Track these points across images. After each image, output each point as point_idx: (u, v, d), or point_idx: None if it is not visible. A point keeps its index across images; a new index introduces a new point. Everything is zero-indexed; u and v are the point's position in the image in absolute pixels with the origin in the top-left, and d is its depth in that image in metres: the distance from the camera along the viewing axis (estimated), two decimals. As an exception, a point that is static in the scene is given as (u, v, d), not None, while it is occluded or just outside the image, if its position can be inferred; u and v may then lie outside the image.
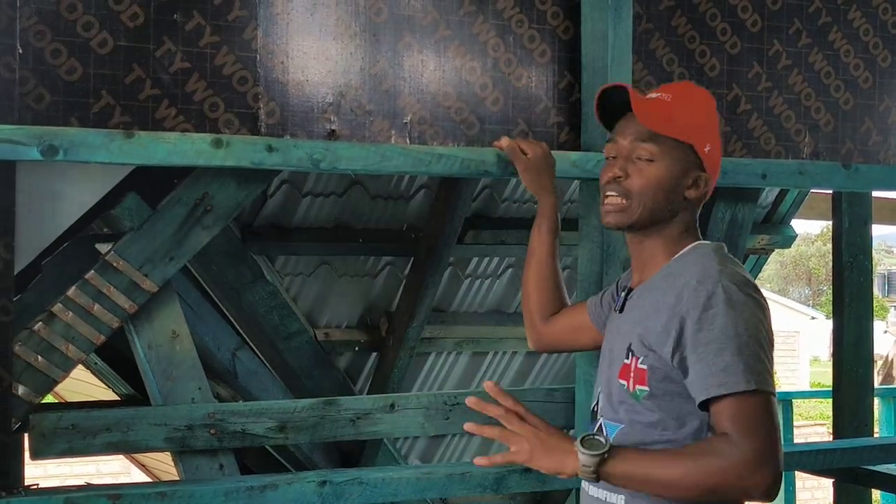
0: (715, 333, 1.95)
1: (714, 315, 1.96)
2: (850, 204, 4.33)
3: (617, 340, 2.17)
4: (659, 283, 2.11)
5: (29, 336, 2.67)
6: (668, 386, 2.02)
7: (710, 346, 1.95)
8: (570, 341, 2.66)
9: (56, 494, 2.56)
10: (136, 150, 2.52)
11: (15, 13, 2.48)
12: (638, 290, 2.17)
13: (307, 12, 2.76)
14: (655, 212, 2.13)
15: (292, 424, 2.96)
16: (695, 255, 2.11)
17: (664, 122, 2.12)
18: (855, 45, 3.37)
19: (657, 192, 2.12)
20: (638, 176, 2.13)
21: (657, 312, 2.04)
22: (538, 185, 2.75)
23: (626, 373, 2.08)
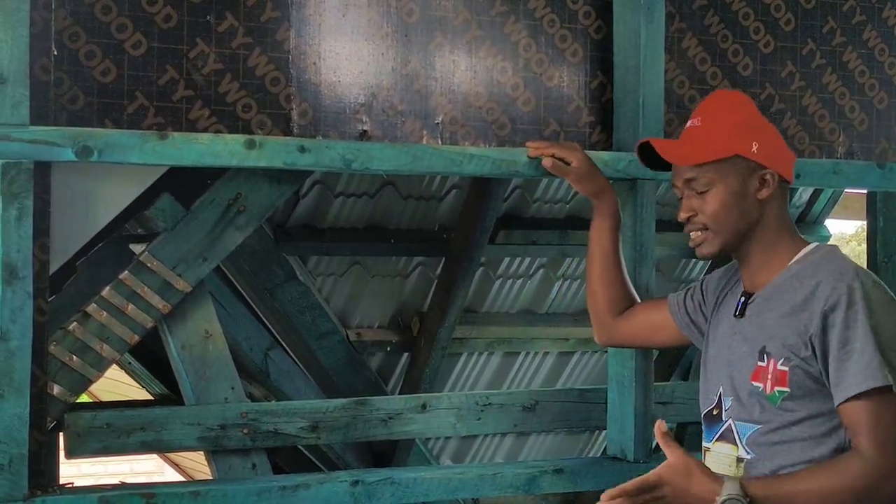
0: (859, 331, 1.98)
1: (858, 311, 1.99)
2: (885, 203, 4.29)
3: (742, 344, 2.18)
4: (784, 285, 2.13)
5: (64, 336, 2.68)
6: (810, 385, 2.05)
7: (856, 343, 1.98)
8: (645, 338, 2.68)
9: (91, 493, 2.58)
10: (169, 151, 2.53)
11: (50, 15, 2.49)
12: (762, 295, 2.18)
13: (339, 13, 2.76)
14: (736, 227, 2.18)
15: (324, 424, 2.97)
16: (820, 256, 2.15)
17: (699, 153, 2.17)
18: (889, 44, 3.35)
19: (726, 212, 2.16)
20: (704, 207, 2.17)
21: (795, 313, 2.06)
22: (595, 188, 2.71)
23: (762, 375, 2.10)
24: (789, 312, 2.08)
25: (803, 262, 2.15)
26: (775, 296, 2.14)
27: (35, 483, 2.46)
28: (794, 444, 2.07)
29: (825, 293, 2.02)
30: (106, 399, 4.98)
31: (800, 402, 2.05)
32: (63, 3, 2.51)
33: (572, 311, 4.84)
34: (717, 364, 2.25)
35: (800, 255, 2.17)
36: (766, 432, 2.10)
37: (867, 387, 1.95)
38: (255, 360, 3.94)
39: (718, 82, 3.13)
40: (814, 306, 2.03)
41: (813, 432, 2.05)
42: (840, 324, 1.99)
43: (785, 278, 2.14)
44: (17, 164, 2.38)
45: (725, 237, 2.18)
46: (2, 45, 2.35)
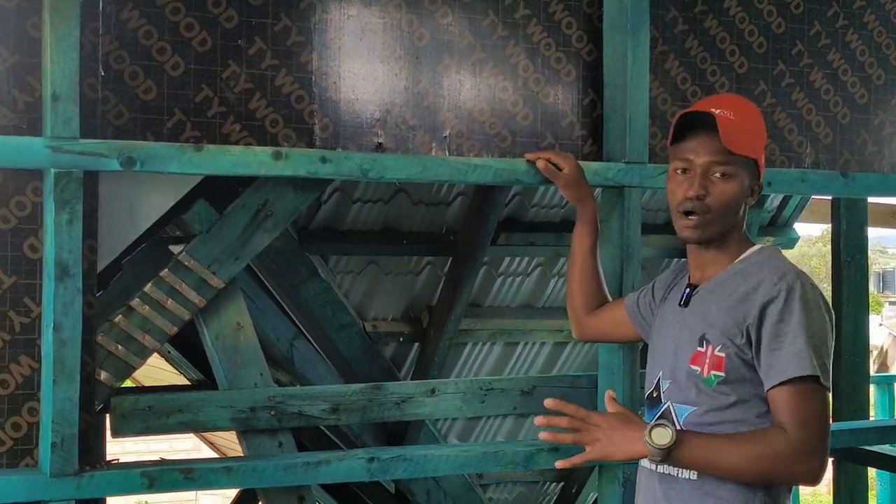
0: (793, 325, 1.97)
1: (794, 308, 1.98)
2: (848, 209, 4.29)
3: (684, 331, 2.15)
4: (728, 280, 2.11)
5: (110, 327, 2.69)
6: (744, 372, 2.03)
7: (788, 335, 1.97)
8: (609, 334, 2.68)
9: (134, 469, 2.58)
10: (204, 162, 2.54)
11: (97, 39, 2.50)
12: (705, 287, 2.16)
13: (357, 38, 2.76)
14: (729, 223, 2.14)
15: (344, 407, 2.97)
16: (764, 256, 2.13)
17: (740, 143, 2.09)
18: (852, 65, 3.34)
19: (734, 204, 2.12)
20: (718, 192, 2.10)
21: (737, 304, 2.04)
22: (579, 195, 2.73)
23: (700, 360, 2.08)
24: (730, 305, 2.06)
25: (747, 261, 2.13)
26: (718, 289, 2.11)
27: (84, 460, 2.47)
28: (726, 426, 2.04)
29: (766, 289, 2.01)
30: (148, 384, 4.99)
31: (733, 386, 2.04)
32: (109, 28, 2.52)
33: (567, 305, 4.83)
34: (660, 350, 2.22)
35: (745, 254, 2.15)
36: (702, 413, 2.07)
37: (796, 374, 1.94)
38: (282, 349, 3.94)
39: (698, 99, 3.12)
40: (754, 300, 2.01)
41: (744, 416, 2.04)
42: (776, 316, 1.98)
43: (729, 274, 2.12)
44: (68, 173, 2.39)
45: (720, 227, 2.12)
46: (54, 66, 2.36)
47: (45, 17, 2.39)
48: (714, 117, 2.08)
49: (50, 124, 2.38)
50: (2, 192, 2.45)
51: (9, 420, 2.47)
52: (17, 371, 2.47)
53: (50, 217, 2.40)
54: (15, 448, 2.47)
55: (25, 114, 2.44)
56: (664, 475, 2.12)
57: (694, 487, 2.06)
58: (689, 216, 2.12)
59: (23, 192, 2.47)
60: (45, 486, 2.41)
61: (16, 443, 2.48)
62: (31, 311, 2.48)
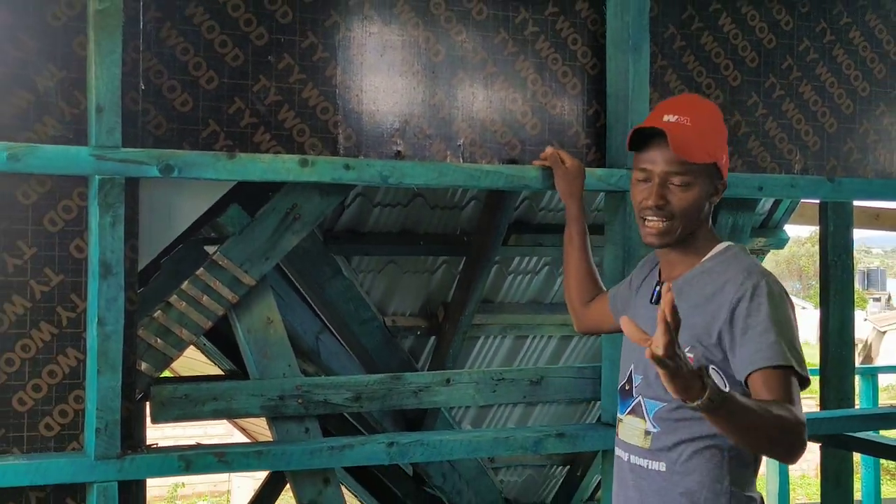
0: (763, 319, 1.91)
1: (760, 304, 1.92)
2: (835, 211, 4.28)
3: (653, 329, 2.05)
4: (696, 279, 2.05)
5: (150, 322, 2.70)
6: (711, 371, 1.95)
7: (758, 327, 1.90)
8: (601, 325, 2.58)
9: (172, 452, 2.59)
10: (237, 169, 2.54)
11: (138, 56, 2.51)
12: (675, 285, 2.05)
13: (378, 54, 2.77)
14: (693, 224, 2.07)
15: (365, 395, 2.97)
16: (730, 255, 2.06)
17: (695, 151, 2.02)
18: (838, 78, 3.33)
19: (696, 210, 2.05)
20: (677, 200, 2.04)
21: (705, 305, 1.98)
22: (569, 191, 2.72)
23: None
24: (698, 304, 1.99)
25: (714, 259, 2.07)
26: (686, 289, 2.04)
27: (126, 444, 2.48)
28: (693, 421, 1.96)
29: (733, 289, 1.95)
30: (184, 374, 5.00)
31: None
32: (149, 46, 2.53)
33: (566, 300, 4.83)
34: (632, 345, 2.13)
35: (712, 252, 2.08)
36: (671, 409, 2.01)
37: (773, 363, 1.87)
38: (308, 342, 3.95)
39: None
40: (722, 300, 1.95)
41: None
42: (744, 313, 1.92)
43: (697, 273, 2.06)
44: (111, 179, 2.39)
45: (682, 231, 2.06)
46: (98, 81, 2.37)
47: (90, 36, 2.40)
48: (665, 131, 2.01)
49: (94, 134, 2.39)
50: (50, 197, 2.46)
51: (57, 407, 2.48)
52: (65, 362, 2.48)
53: (94, 220, 2.40)
54: (62, 433, 2.48)
55: (72, 125, 2.45)
56: (635, 466, 2.08)
57: (663, 479, 2.02)
58: (649, 223, 2.07)
59: (69, 196, 2.48)
60: (89, 468, 2.42)
61: (63, 428, 2.49)
62: (77, 306, 2.49)
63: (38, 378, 2.46)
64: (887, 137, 3.40)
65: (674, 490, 2.01)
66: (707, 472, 1.99)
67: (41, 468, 2.38)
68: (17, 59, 2.41)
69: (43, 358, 2.46)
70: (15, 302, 2.44)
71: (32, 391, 2.46)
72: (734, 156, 3.18)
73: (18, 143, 2.36)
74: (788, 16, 3.25)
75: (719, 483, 1.99)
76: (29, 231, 2.45)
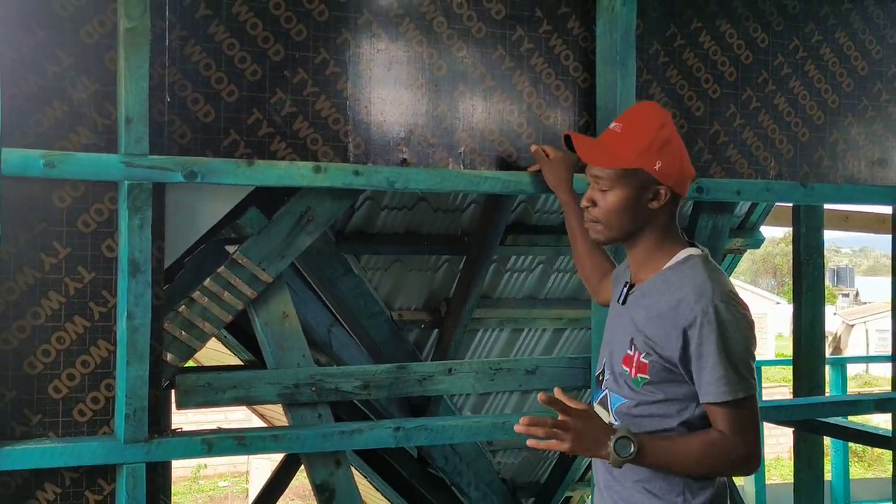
0: (712, 347, 1.88)
1: (711, 333, 1.88)
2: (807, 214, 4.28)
3: (619, 329, 2.07)
4: (657, 287, 2.01)
5: (175, 316, 2.70)
6: (667, 376, 1.96)
7: (709, 357, 1.89)
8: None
9: (195, 436, 2.60)
10: (255, 175, 2.54)
11: (164, 71, 2.51)
12: (639, 289, 2.06)
13: (385, 69, 2.77)
14: (625, 227, 2.03)
15: (374, 384, 2.97)
16: (688, 267, 2.00)
17: (610, 158, 2.00)
18: (810, 91, 3.33)
19: (619, 213, 2.01)
20: (601, 203, 2.03)
21: (660, 319, 1.95)
22: (555, 181, 2.74)
23: (629, 362, 2.00)
24: (655, 316, 1.96)
25: (674, 268, 2.01)
26: (648, 294, 2.02)
27: (153, 428, 2.48)
28: (651, 419, 1.99)
29: (686, 310, 1.91)
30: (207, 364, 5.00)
31: (657, 386, 1.97)
32: (174, 61, 2.53)
33: (565, 296, 4.83)
34: (606, 339, 2.14)
35: (672, 261, 2.02)
36: (630, 406, 2.02)
37: (720, 399, 1.88)
38: (321, 334, 3.96)
39: (678, 121, 3.12)
40: (676, 319, 1.92)
41: (666, 411, 1.98)
42: (696, 340, 1.89)
43: (658, 280, 2.01)
44: (139, 184, 2.40)
45: (612, 233, 2.04)
46: (128, 94, 2.37)
47: (120, 53, 2.40)
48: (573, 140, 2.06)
49: (124, 143, 2.40)
50: (83, 201, 2.47)
51: (89, 395, 2.48)
52: (97, 353, 2.49)
53: (124, 222, 2.41)
54: (94, 418, 2.49)
55: (103, 134, 2.46)
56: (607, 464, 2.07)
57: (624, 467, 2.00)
58: (586, 222, 2.09)
59: (101, 200, 2.48)
60: (119, 451, 2.42)
61: (95, 414, 2.49)
62: (108, 301, 2.49)
63: (72, 368, 2.47)
64: (855, 146, 3.40)
65: (631, 477, 2.02)
66: None
67: (75, 451, 2.39)
68: (54, 74, 2.42)
69: (77, 349, 2.47)
70: (51, 297, 2.44)
71: (67, 380, 2.46)
72: (713, 163, 3.18)
73: (54, 151, 2.37)
74: (764, 33, 3.25)
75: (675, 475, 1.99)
76: (64, 232, 2.45)
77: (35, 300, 2.43)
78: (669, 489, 1.99)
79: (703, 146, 3.16)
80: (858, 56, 3.39)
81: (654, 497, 2.00)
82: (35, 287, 2.43)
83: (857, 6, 3.39)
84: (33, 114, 2.40)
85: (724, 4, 3.18)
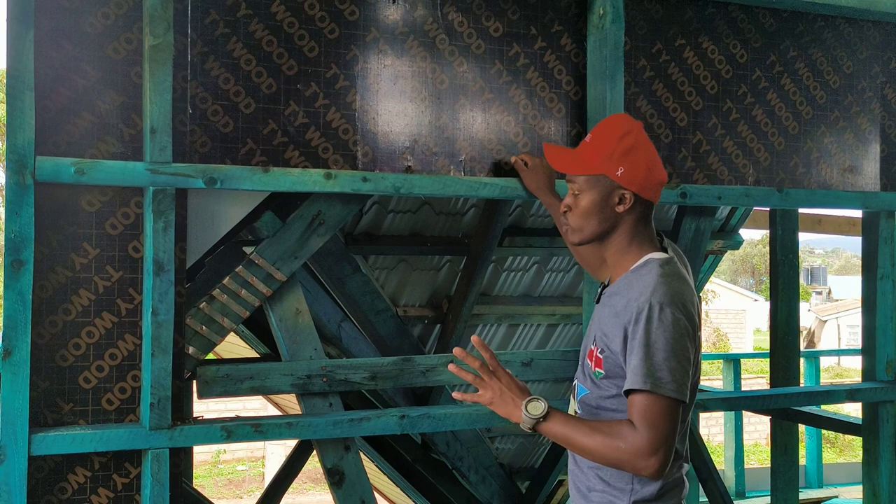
0: (637, 342, 1.88)
1: (639, 328, 1.88)
2: (783, 218, 4.28)
3: (591, 325, 2.09)
4: (620, 288, 2.02)
5: (196, 312, 2.70)
6: (618, 372, 1.96)
7: (633, 350, 1.88)
8: None
9: (215, 423, 2.59)
10: (270, 181, 2.54)
11: (187, 85, 2.52)
12: (609, 289, 2.08)
13: (391, 82, 2.77)
14: (595, 229, 2.05)
15: (380, 375, 2.98)
16: (646, 270, 2.00)
17: (576, 166, 2.03)
18: (786, 103, 3.32)
19: (588, 216, 2.03)
20: (575, 207, 2.06)
21: (615, 317, 1.96)
22: (536, 185, 2.72)
23: (592, 356, 2.02)
24: (612, 314, 1.98)
25: (635, 271, 2.02)
26: (613, 294, 2.03)
27: (176, 416, 2.48)
28: (606, 412, 2.00)
29: (630, 309, 1.92)
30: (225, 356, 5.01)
31: (611, 381, 1.98)
32: (196, 75, 2.53)
33: (558, 294, 4.83)
34: (589, 332, 2.16)
35: (636, 264, 2.03)
36: (590, 398, 2.04)
37: (632, 387, 1.87)
38: (331, 329, 3.96)
39: (663, 131, 3.12)
40: (625, 318, 1.93)
41: (619, 405, 1.98)
42: (630, 334, 1.90)
43: (621, 283, 2.03)
44: (163, 190, 2.40)
45: (584, 234, 2.05)
46: (153, 106, 2.38)
47: (145, 67, 2.41)
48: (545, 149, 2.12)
49: (149, 151, 2.40)
50: (111, 206, 2.47)
51: (117, 385, 2.48)
52: (124, 346, 2.49)
53: (149, 225, 2.41)
54: (121, 407, 2.49)
55: (130, 143, 2.46)
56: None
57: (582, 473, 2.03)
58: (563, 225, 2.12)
59: (127, 205, 2.49)
60: (145, 437, 2.42)
61: (122, 403, 2.49)
62: (134, 299, 2.49)
63: (101, 360, 2.47)
64: (827, 154, 3.40)
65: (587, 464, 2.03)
66: None
67: (104, 437, 2.39)
68: (83, 87, 2.42)
69: (105, 343, 2.47)
70: (81, 295, 2.45)
71: (96, 371, 2.46)
72: (696, 170, 3.17)
73: (84, 159, 2.37)
74: (743, 50, 3.25)
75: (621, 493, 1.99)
76: (93, 234, 2.45)
77: (66, 297, 2.43)
78: (619, 476, 1.98)
79: (686, 154, 3.16)
80: (831, 71, 3.39)
81: (606, 484, 2.00)
82: (67, 285, 2.43)
83: (830, 24, 3.38)
84: (65, 124, 2.40)
85: (706, 22, 3.18)
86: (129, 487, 2.49)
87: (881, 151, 3.48)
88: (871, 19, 3.43)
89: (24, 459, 2.31)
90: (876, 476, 3.46)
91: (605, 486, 2.00)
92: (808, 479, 7.33)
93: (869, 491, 3.50)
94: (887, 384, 3.46)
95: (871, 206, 3.41)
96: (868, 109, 3.46)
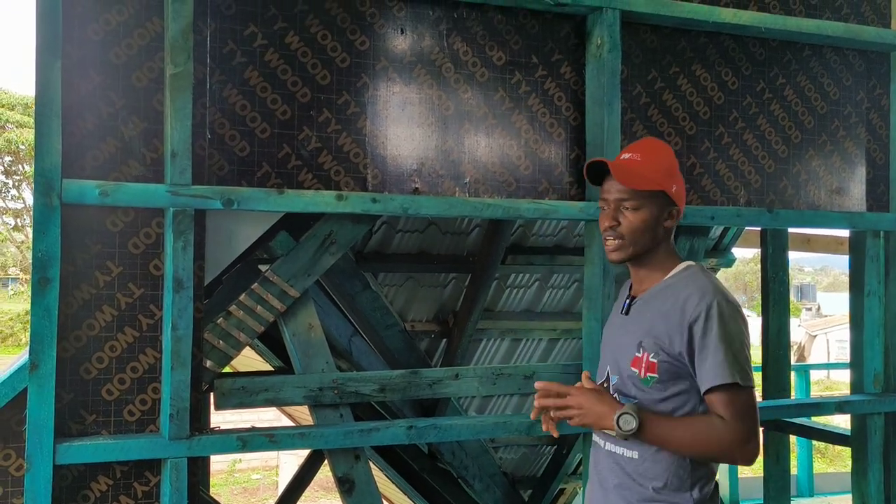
0: (712, 339, 1.88)
1: (713, 325, 1.88)
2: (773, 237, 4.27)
3: (624, 336, 2.05)
4: (660, 294, 2.01)
5: (214, 327, 2.70)
6: (674, 372, 1.94)
7: (710, 346, 1.88)
8: None
9: (231, 434, 2.59)
10: (285, 202, 2.55)
11: (205, 111, 2.53)
12: (642, 299, 2.06)
13: (400, 109, 2.78)
14: (644, 245, 2.04)
15: (389, 387, 2.97)
16: (689, 274, 2.01)
17: (640, 181, 2.02)
18: (775, 128, 3.33)
19: (643, 231, 2.03)
20: (627, 222, 2.03)
21: (665, 319, 1.95)
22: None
23: (638, 363, 1.98)
24: (660, 316, 1.96)
25: (676, 277, 2.02)
26: (652, 301, 2.02)
27: (194, 427, 2.48)
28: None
29: (690, 308, 1.91)
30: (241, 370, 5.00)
31: (665, 384, 1.95)
32: (214, 102, 2.54)
33: (559, 310, 4.82)
34: (608, 349, 2.13)
35: (673, 271, 2.04)
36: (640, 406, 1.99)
37: (720, 382, 1.86)
38: (342, 343, 3.96)
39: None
40: (682, 317, 1.91)
41: (673, 406, 1.96)
42: (700, 332, 1.89)
43: (660, 288, 2.02)
44: (183, 211, 2.41)
45: (635, 249, 2.04)
46: (173, 131, 2.39)
47: (166, 95, 2.42)
48: (604, 164, 2.06)
49: (169, 174, 2.41)
50: (134, 225, 2.48)
51: (138, 397, 2.48)
52: (144, 360, 2.49)
53: (169, 244, 2.41)
54: (142, 418, 2.49)
55: (151, 167, 2.47)
56: (611, 452, 2.06)
57: (636, 465, 1.99)
58: (607, 242, 2.07)
59: (149, 225, 2.49)
60: (164, 447, 2.42)
61: (143, 414, 2.49)
62: (154, 314, 2.50)
63: (123, 373, 2.47)
64: (816, 176, 3.39)
65: (646, 474, 1.99)
66: (673, 459, 1.97)
67: (125, 446, 2.39)
68: (108, 114, 2.43)
69: (127, 356, 2.47)
70: (105, 311, 2.45)
71: (118, 384, 2.46)
72: (690, 191, 3.17)
73: (108, 182, 2.38)
74: (734, 77, 3.26)
75: (683, 469, 1.97)
76: (116, 253, 2.46)
77: (90, 313, 2.43)
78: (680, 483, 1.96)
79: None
80: (818, 97, 3.40)
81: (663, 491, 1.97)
82: (91, 301, 2.43)
83: (816, 53, 3.39)
84: (90, 149, 2.41)
85: (699, 51, 3.19)
86: (149, 495, 2.48)
87: (867, 174, 3.48)
88: (855, 48, 3.43)
89: (49, 468, 2.30)
90: (865, 485, 3.44)
91: (663, 495, 1.97)
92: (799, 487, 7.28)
93: (858, 499, 3.47)
94: (875, 396, 3.44)
95: (857, 225, 3.41)
96: (854, 134, 3.46)
